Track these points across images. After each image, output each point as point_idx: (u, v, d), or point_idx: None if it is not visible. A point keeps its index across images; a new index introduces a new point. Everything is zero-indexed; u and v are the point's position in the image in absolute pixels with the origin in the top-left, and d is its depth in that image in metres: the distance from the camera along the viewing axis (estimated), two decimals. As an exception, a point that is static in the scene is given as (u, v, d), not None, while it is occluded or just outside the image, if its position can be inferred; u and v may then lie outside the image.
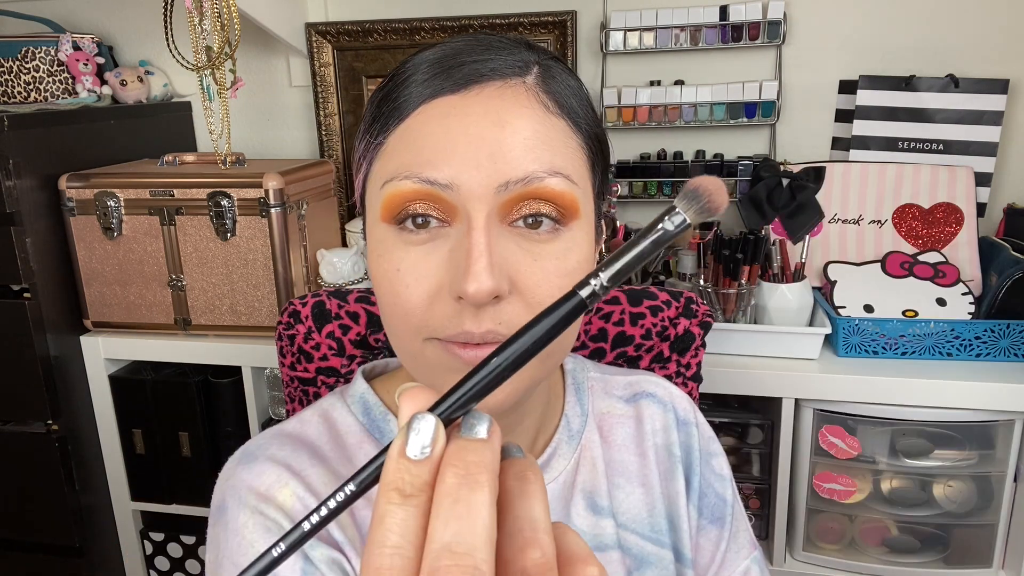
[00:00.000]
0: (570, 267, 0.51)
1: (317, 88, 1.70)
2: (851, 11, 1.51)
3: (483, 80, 0.50)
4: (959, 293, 1.33)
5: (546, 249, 0.50)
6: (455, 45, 0.53)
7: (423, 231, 0.50)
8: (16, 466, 1.46)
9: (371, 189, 0.54)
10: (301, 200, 1.42)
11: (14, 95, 1.62)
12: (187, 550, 1.59)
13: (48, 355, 1.40)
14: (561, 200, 0.50)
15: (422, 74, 0.51)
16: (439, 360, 0.51)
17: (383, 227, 0.51)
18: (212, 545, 0.56)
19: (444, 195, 0.48)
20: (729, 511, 0.69)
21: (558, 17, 1.56)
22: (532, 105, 0.51)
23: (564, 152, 0.51)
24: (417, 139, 0.50)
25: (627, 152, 1.65)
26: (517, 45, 0.53)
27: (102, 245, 1.42)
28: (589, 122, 0.54)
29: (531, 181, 0.49)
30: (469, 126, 0.49)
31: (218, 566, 0.55)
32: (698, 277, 1.34)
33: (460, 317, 0.49)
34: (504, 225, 0.49)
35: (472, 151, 0.48)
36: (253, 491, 0.56)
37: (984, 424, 1.22)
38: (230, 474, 0.58)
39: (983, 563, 1.28)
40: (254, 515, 0.55)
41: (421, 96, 0.51)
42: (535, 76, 0.52)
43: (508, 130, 0.49)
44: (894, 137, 1.51)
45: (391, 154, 0.51)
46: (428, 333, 0.50)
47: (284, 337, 0.87)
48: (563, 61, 0.56)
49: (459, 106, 0.49)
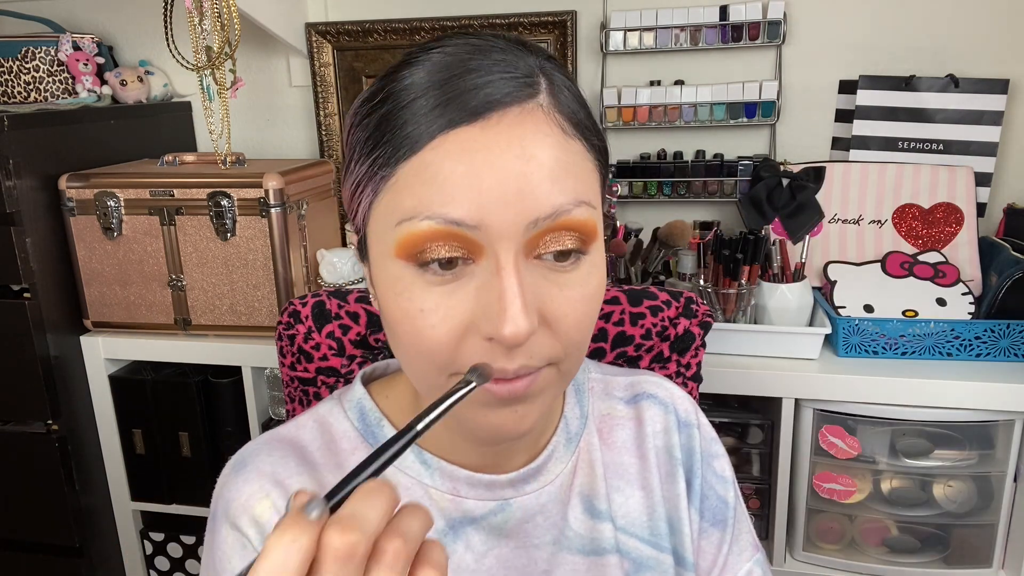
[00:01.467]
0: (592, 290, 0.51)
1: (317, 88, 1.70)
2: (851, 11, 1.51)
3: (501, 106, 0.48)
4: (959, 293, 1.33)
5: (570, 278, 0.50)
6: (452, 57, 0.49)
7: (449, 272, 0.48)
8: (16, 466, 1.46)
9: (379, 221, 0.51)
10: (301, 200, 1.42)
11: (14, 95, 1.62)
12: (187, 550, 1.59)
13: (48, 355, 1.40)
14: (584, 229, 0.49)
15: (430, 99, 0.48)
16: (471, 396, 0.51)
17: (399, 264, 0.49)
18: (205, 552, 0.59)
19: (470, 235, 0.47)
20: (731, 513, 0.68)
21: (558, 17, 1.56)
22: (552, 131, 0.49)
23: (584, 177, 0.50)
24: (437, 175, 0.47)
25: (627, 152, 1.65)
26: (517, 49, 0.51)
27: (102, 245, 1.42)
28: (597, 134, 0.54)
29: (559, 215, 0.48)
30: (494, 162, 0.46)
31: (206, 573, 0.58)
32: (698, 277, 1.34)
33: (492, 355, 0.48)
34: (530, 259, 0.49)
35: (499, 188, 0.46)
36: (234, 503, 0.57)
37: (984, 424, 1.22)
38: (222, 483, 0.60)
39: (983, 563, 1.28)
40: (232, 531, 0.57)
41: (436, 126, 0.47)
42: (545, 92, 0.50)
43: (534, 164, 0.47)
44: (894, 137, 1.51)
45: (404, 189, 0.48)
46: (456, 369, 0.50)
47: (284, 337, 0.87)
48: (556, 59, 0.55)
49: (480, 139, 0.47)
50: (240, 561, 0.56)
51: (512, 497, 0.60)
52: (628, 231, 1.48)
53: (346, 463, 0.60)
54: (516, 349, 0.48)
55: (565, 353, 0.51)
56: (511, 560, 0.60)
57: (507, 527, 0.60)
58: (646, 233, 1.50)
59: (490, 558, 0.60)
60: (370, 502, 0.35)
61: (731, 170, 1.56)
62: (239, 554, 0.56)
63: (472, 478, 0.60)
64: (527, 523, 0.61)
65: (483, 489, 0.60)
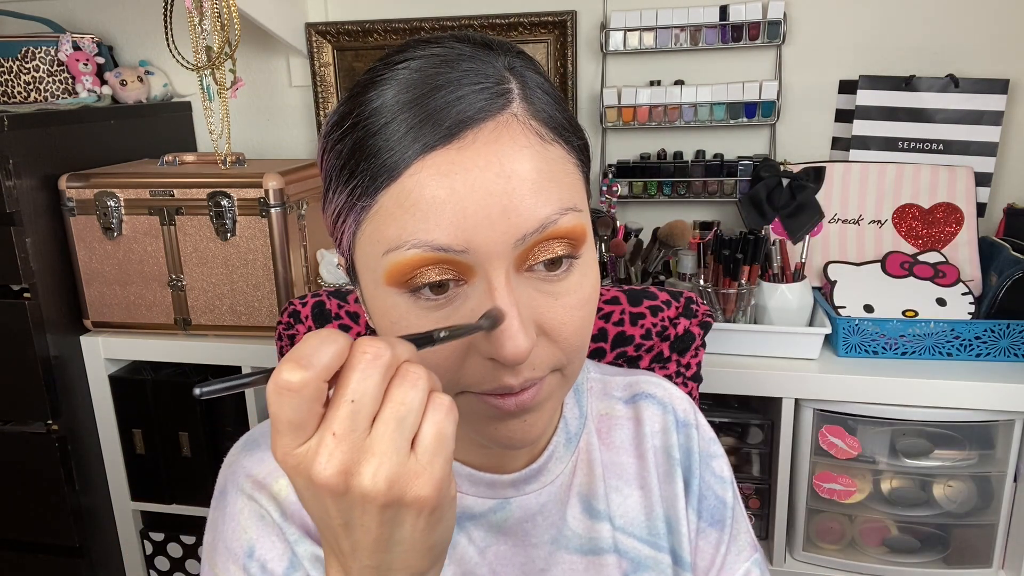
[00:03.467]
0: (587, 294, 0.50)
1: (317, 88, 1.70)
2: (851, 11, 1.51)
3: (475, 123, 0.46)
4: (959, 293, 1.33)
5: (563, 286, 0.49)
6: (419, 73, 0.47)
7: (442, 295, 0.47)
8: (16, 466, 1.46)
9: (365, 251, 0.50)
10: (301, 200, 1.42)
11: (14, 95, 1.62)
12: (187, 550, 1.59)
13: (48, 355, 1.40)
14: (573, 235, 0.48)
15: (401, 123, 0.46)
16: (477, 410, 0.51)
17: (391, 292, 0.48)
18: (210, 528, 0.59)
19: (459, 259, 0.46)
20: (729, 513, 0.68)
21: (558, 17, 1.56)
22: (529, 140, 0.48)
23: (566, 181, 0.49)
24: (419, 202, 0.46)
25: (627, 152, 1.65)
26: (484, 54, 0.49)
27: (102, 245, 1.42)
28: (575, 131, 0.52)
29: (546, 227, 0.47)
30: (474, 183, 0.45)
31: (213, 548, 0.58)
32: (698, 277, 1.34)
33: (496, 373, 0.48)
34: (521, 273, 0.48)
35: (483, 210, 0.45)
36: (251, 478, 0.58)
37: (984, 424, 1.22)
38: (233, 460, 0.60)
39: (983, 563, 1.28)
40: (249, 502, 0.57)
41: (411, 151, 0.46)
42: (519, 99, 0.49)
43: (515, 180, 0.46)
44: (894, 137, 1.51)
45: (387, 218, 0.47)
46: (461, 388, 0.50)
47: (284, 337, 0.87)
48: (524, 53, 0.53)
49: (458, 161, 0.46)
50: (257, 531, 0.56)
51: (513, 496, 0.61)
52: (628, 231, 1.48)
53: None
54: (519, 365, 0.48)
55: (567, 359, 0.51)
56: (509, 558, 0.60)
57: (506, 525, 0.61)
58: (646, 233, 1.50)
59: (489, 554, 0.60)
60: (396, 344, 0.40)
61: (731, 170, 1.56)
62: (256, 524, 0.56)
63: (474, 476, 0.60)
64: (526, 522, 0.61)
65: (484, 487, 0.60)
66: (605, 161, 1.64)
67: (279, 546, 0.56)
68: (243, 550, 0.56)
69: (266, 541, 0.56)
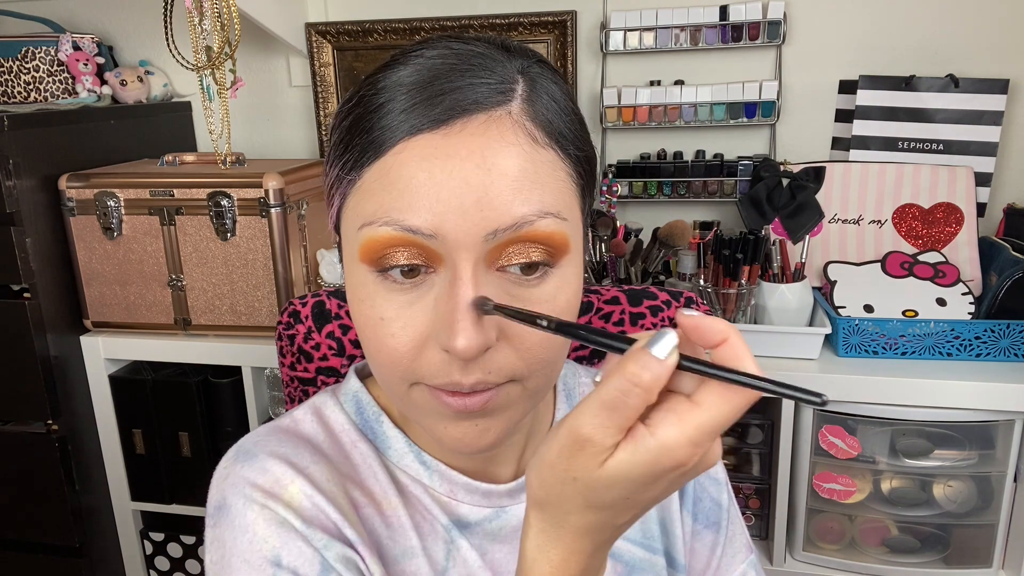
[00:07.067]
0: (560, 307, 0.49)
1: (317, 88, 1.70)
2: (851, 11, 1.51)
3: (466, 113, 0.47)
4: (959, 293, 1.33)
5: (535, 293, 0.48)
6: (433, 63, 0.48)
7: (409, 280, 0.48)
8: (16, 466, 1.46)
9: (347, 226, 0.51)
10: (301, 200, 1.42)
11: (14, 95, 1.62)
12: (187, 550, 1.59)
13: (48, 355, 1.40)
14: (551, 241, 0.47)
15: (399, 103, 0.47)
16: (428, 405, 0.51)
17: (363, 269, 0.49)
18: (215, 546, 0.54)
19: (427, 244, 0.46)
20: (724, 515, 0.68)
21: (558, 17, 1.56)
22: (519, 139, 0.47)
23: (553, 187, 0.48)
24: (397, 181, 0.46)
25: (627, 152, 1.65)
26: (500, 54, 0.50)
27: (102, 245, 1.42)
28: (577, 143, 0.51)
29: (521, 226, 0.46)
30: (453, 170, 0.46)
31: (226, 566, 0.52)
32: (698, 277, 1.34)
33: (449, 367, 0.48)
34: (492, 271, 0.47)
35: (456, 198, 0.45)
36: (257, 488, 0.53)
37: (984, 424, 1.22)
38: (228, 472, 0.56)
39: (983, 563, 1.28)
40: (263, 510, 0.53)
41: (399, 131, 0.47)
42: (520, 99, 0.49)
43: (495, 173, 0.46)
44: (894, 137, 1.51)
45: (367, 194, 0.48)
46: (415, 379, 0.50)
47: (284, 337, 0.87)
48: (548, 63, 0.53)
49: (441, 146, 0.46)
50: (280, 539, 0.52)
51: (508, 505, 0.61)
52: (628, 231, 1.48)
53: (350, 456, 0.59)
54: (472, 363, 0.47)
55: (529, 371, 0.50)
56: (504, 564, 0.60)
57: (502, 534, 0.60)
58: (646, 233, 1.50)
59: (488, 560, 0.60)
60: None
61: (731, 170, 1.56)
62: (277, 531, 0.52)
63: (470, 485, 0.59)
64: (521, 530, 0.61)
65: (480, 496, 0.60)
66: (605, 161, 1.64)
67: (307, 551, 0.52)
68: (267, 560, 0.51)
69: (292, 547, 0.52)
